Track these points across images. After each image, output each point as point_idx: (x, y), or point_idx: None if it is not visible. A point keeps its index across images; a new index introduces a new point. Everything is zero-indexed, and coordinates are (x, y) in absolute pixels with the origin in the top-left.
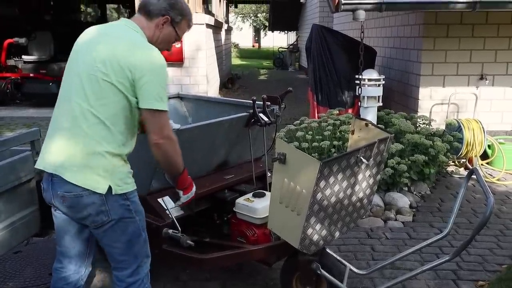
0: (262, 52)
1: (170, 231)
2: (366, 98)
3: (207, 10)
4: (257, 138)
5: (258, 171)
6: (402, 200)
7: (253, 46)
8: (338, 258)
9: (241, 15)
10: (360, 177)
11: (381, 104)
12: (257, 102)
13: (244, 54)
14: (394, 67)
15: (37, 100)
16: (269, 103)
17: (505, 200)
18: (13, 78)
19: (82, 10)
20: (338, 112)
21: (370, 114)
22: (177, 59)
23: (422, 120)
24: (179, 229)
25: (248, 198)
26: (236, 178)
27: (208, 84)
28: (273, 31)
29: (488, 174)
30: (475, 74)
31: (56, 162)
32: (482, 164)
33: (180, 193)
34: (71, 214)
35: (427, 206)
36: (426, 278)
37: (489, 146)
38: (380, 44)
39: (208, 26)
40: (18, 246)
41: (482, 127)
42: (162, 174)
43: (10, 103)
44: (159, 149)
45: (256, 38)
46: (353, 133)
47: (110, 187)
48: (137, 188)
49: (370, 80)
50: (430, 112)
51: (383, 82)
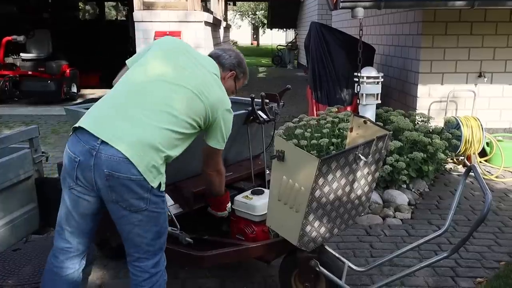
0: (260, 50)
1: (169, 229)
2: (364, 95)
3: (206, 8)
4: (255, 135)
5: (256, 169)
6: (401, 197)
7: (251, 44)
8: (337, 255)
9: (239, 13)
10: (358, 174)
11: (379, 101)
12: (255, 99)
13: (242, 51)
14: (393, 65)
15: (35, 98)
16: (267, 101)
17: (503, 197)
18: (11, 76)
19: (80, 8)
20: (337, 109)
21: (369, 111)
22: None
23: (421, 117)
24: (178, 226)
25: (246, 196)
26: (234, 175)
27: None
28: (271, 29)
29: (486, 171)
30: (474, 72)
31: (122, 138)
32: (480, 161)
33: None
34: (107, 193)
35: (426, 204)
36: (424, 275)
37: (487, 144)
38: (378, 41)
39: (206, 23)
40: (17, 244)
41: (481, 125)
42: None
43: (8, 101)
44: (210, 178)
45: (254, 36)
46: (351, 130)
47: (160, 184)
48: None
49: (368, 77)
50: (429, 109)
51: (382, 80)
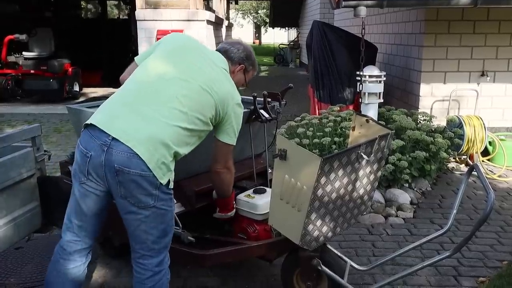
0: (262, 48)
1: None
2: (367, 94)
3: (208, 7)
4: (257, 134)
5: (258, 168)
6: (403, 196)
7: (253, 43)
8: (339, 254)
9: (241, 12)
10: (360, 173)
11: (382, 100)
12: (257, 98)
13: None
14: (395, 64)
15: (37, 96)
16: (269, 100)
17: (506, 196)
18: (13, 74)
19: (82, 7)
20: (339, 108)
21: (371, 110)
22: None
23: (423, 116)
24: (180, 225)
25: (249, 195)
26: (237, 174)
27: None
28: (273, 28)
29: (489, 170)
30: (476, 71)
31: (133, 135)
32: (483, 160)
33: (218, 209)
34: (116, 188)
35: (428, 203)
36: (426, 274)
37: (490, 143)
38: (381, 40)
39: (208, 22)
40: (20, 242)
41: (483, 124)
42: None
43: (10, 100)
44: (219, 177)
45: (256, 35)
46: (354, 129)
47: (169, 180)
48: None
49: (371, 76)
50: (431, 108)
51: (384, 79)
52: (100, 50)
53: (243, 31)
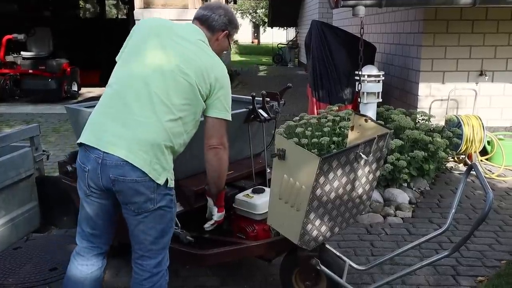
0: (261, 48)
1: None
2: (365, 94)
3: None
4: (256, 134)
5: (257, 167)
6: (402, 196)
7: (252, 42)
8: (338, 253)
9: (240, 11)
10: (359, 173)
11: (380, 100)
12: (256, 98)
13: (243, 50)
14: (394, 63)
15: (36, 96)
16: (268, 99)
17: (504, 196)
18: (12, 74)
19: (81, 6)
20: (337, 108)
21: (370, 110)
22: None
23: (422, 116)
24: (179, 225)
25: (247, 194)
26: (235, 174)
27: None
28: (272, 27)
29: (487, 170)
30: (475, 70)
31: (120, 145)
32: (481, 160)
33: (214, 210)
34: (116, 196)
35: (427, 202)
36: (425, 273)
37: (488, 142)
38: (379, 40)
39: None
40: (18, 242)
41: (482, 123)
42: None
43: (9, 100)
44: (217, 154)
45: (255, 34)
46: (352, 129)
47: (167, 180)
48: None
49: (369, 76)
50: (430, 108)
51: (383, 78)
52: (98, 50)
53: (242, 31)
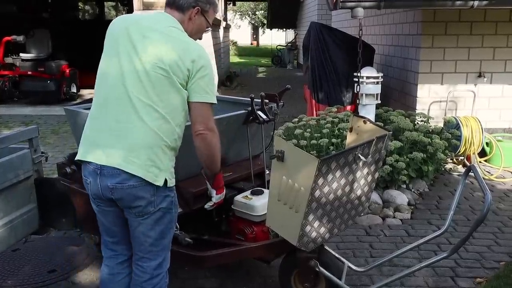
0: (260, 50)
1: None
2: (364, 95)
3: None
4: (255, 135)
5: (256, 169)
6: (401, 197)
7: (251, 44)
8: (337, 255)
9: (239, 13)
10: (358, 174)
11: (379, 101)
12: (255, 99)
13: (242, 52)
14: (393, 65)
15: (35, 98)
16: (267, 101)
17: (503, 197)
18: (11, 76)
19: (80, 8)
20: (336, 109)
21: (369, 111)
22: None
23: (421, 117)
24: (178, 226)
25: (246, 196)
26: (234, 175)
27: None
28: (271, 29)
29: (486, 171)
30: (473, 72)
31: (113, 154)
32: (480, 161)
33: (213, 192)
34: (119, 204)
35: (425, 204)
36: (424, 275)
37: (487, 144)
38: (378, 41)
39: None
40: (17, 244)
41: (480, 125)
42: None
43: (8, 101)
44: (204, 140)
45: (254, 36)
46: (351, 130)
47: (165, 180)
48: None
49: (368, 77)
50: (429, 109)
51: (382, 80)
52: (97, 52)
53: (241, 32)
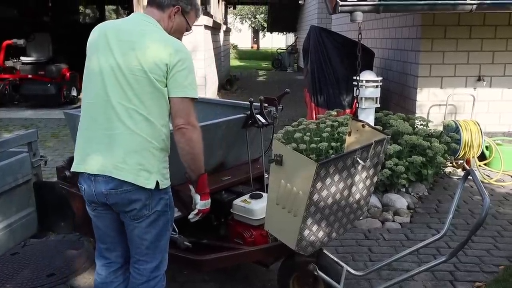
0: (260, 53)
1: None
2: (364, 99)
3: (206, 12)
4: (254, 139)
5: (255, 173)
6: (400, 201)
7: (251, 47)
8: (335, 259)
9: (239, 16)
10: (357, 178)
11: (379, 105)
12: (254, 103)
13: (242, 55)
14: (392, 69)
15: (35, 101)
16: (266, 105)
17: (502, 201)
18: (11, 79)
19: (80, 12)
20: (336, 113)
21: (368, 115)
22: None
23: (420, 121)
24: (176, 230)
25: (245, 200)
26: (233, 179)
27: (206, 85)
28: (271, 32)
29: (485, 175)
30: (473, 76)
31: (103, 162)
32: (479, 165)
33: (197, 198)
34: (114, 208)
35: (425, 207)
36: (423, 279)
37: (486, 147)
38: (378, 45)
39: (206, 27)
40: (16, 248)
41: (480, 128)
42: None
43: (8, 105)
44: (184, 135)
45: (255, 39)
46: (350, 134)
47: (157, 182)
48: None
49: (368, 81)
50: (428, 113)
51: (381, 84)
52: None
53: (241, 36)
